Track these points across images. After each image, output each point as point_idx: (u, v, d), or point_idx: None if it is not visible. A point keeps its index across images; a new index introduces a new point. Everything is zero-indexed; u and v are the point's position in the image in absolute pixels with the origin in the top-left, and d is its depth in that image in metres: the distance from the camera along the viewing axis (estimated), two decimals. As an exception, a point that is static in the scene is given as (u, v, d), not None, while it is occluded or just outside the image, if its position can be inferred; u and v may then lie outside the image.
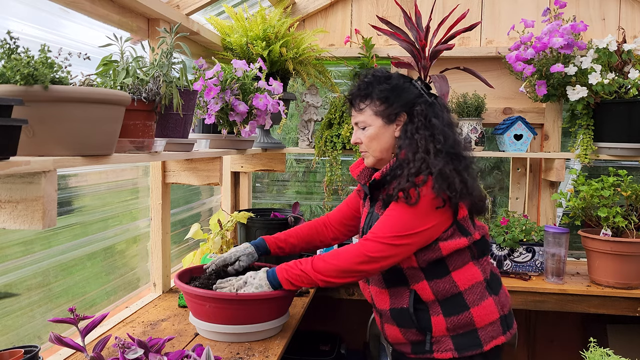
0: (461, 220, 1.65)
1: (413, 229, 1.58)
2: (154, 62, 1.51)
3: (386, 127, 1.69)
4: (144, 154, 1.43)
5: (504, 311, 1.70)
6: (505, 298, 1.74)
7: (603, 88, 2.46)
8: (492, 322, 1.65)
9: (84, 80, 1.27)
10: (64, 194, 1.77)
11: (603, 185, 2.43)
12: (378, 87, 1.68)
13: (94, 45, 1.58)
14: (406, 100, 1.68)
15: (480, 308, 1.64)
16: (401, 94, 1.68)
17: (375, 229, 1.61)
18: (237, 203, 3.18)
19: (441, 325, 1.63)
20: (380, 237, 1.58)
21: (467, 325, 1.63)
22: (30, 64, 1.04)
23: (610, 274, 2.42)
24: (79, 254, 1.85)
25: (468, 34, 2.94)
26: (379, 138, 1.69)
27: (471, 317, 1.62)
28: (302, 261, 1.68)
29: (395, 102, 1.67)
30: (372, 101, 1.69)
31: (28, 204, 1.06)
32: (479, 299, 1.64)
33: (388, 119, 1.68)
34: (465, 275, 1.64)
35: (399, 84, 1.70)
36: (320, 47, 2.83)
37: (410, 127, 1.65)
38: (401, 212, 1.59)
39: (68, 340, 1.38)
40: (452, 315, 1.63)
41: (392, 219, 1.59)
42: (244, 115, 2.01)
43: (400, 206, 1.59)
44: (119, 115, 1.23)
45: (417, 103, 1.67)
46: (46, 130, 1.08)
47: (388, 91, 1.68)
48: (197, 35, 2.30)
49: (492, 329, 1.65)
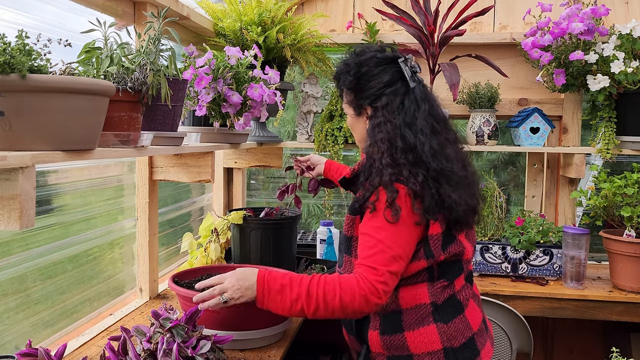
0: (432, 237, 1.53)
1: (401, 244, 1.48)
2: (140, 49, 1.51)
3: (357, 119, 1.68)
4: (130, 148, 1.43)
5: (453, 344, 1.55)
6: (457, 331, 1.57)
7: (626, 77, 2.45)
8: (430, 352, 1.54)
9: (64, 69, 1.26)
10: (43, 192, 1.77)
11: (626, 182, 2.43)
12: (348, 74, 1.65)
13: (76, 31, 1.58)
14: (372, 90, 1.61)
15: (416, 333, 1.55)
16: (368, 82, 1.62)
17: (372, 260, 1.46)
18: (230, 202, 3.18)
19: (376, 342, 1.59)
20: (381, 270, 1.45)
21: (402, 349, 1.56)
22: (7, 51, 1.04)
23: (634, 279, 2.42)
24: (59, 257, 1.86)
25: (480, 18, 2.94)
26: (354, 129, 1.72)
27: (404, 341, 1.55)
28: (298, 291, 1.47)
29: (361, 92, 1.64)
30: (345, 89, 1.69)
31: (4, 202, 1.06)
32: (417, 323, 1.55)
33: (356, 111, 1.67)
34: (410, 294, 1.56)
35: (368, 70, 1.62)
36: (321, 32, 2.83)
37: (372, 122, 1.60)
38: (380, 228, 1.48)
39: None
40: (387, 334, 1.57)
41: (379, 242, 1.47)
42: (238, 106, 2.01)
43: (375, 221, 1.49)
44: (102, 107, 1.23)
45: (384, 94, 1.59)
46: (24, 123, 1.07)
47: (357, 78, 1.63)
48: (187, 20, 2.30)
49: (431, 359, 1.54)
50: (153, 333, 1.41)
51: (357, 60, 1.65)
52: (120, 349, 1.41)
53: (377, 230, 1.48)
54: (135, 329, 1.43)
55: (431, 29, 2.54)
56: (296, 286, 1.46)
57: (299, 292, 1.45)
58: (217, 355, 1.48)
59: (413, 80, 1.61)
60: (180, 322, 1.43)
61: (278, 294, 1.46)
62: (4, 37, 1.07)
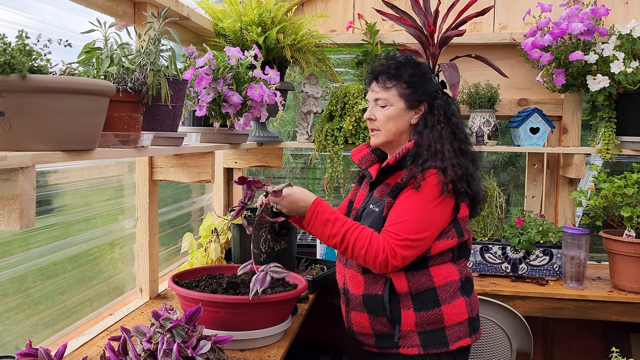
0: (460, 219, 1.81)
1: (430, 221, 1.73)
2: (140, 50, 1.51)
3: (406, 112, 1.84)
4: (130, 148, 1.43)
5: (473, 314, 1.85)
6: (475, 302, 1.89)
7: (626, 77, 2.45)
8: (460, 322, 1.80)
9: (64, 69, 1.26)
10: (43, 192, 1.77)
11: (626, 182, 2.43)
12: (409, 70, 1.83)
13: (76, 31, 1.58)
14: (430, 90, 1.85)
15: (451, 306, 1.79)
16: (427, 83, 1.86)
17: (397, 227, 1.72)
18: (230, 202, 3.18)
19: (410, 319, 1.77)
20: (402, 236, 1.70)
21: (436, 322, 1.77)
22: (7, 51, 1.04)
23: (634, 279, 2.42)
24: (60, 257, 1.86)
25: (480, 19, 2.94)
26: (397, 120, 1.84)
27: (441, 314, 1.77)
28: (343, 224, 1.74)
29: (421, 89, 1.84)
30: (400, 83, 1.83)
31: (4, 202, 1.06)
32: (450, 297, 1.79)
33: (410, 104, 1.84)
34: (442, 272, 1.79)
35: (427, 73, 1.88)
36: (321, 33, 2.83)
37: (431, 117, 1.82)
38: (417, 204, 1.73)
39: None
40: (423, 310, 1.77)
41: (410, 213, 1.72)
42: (238, 106, 2.01)
43: (415, 198, 1.73)
44: (102, 107, 1.23)
45: (438, 97, 1.85)
46: (24, 123, 1.07)
47: (418, 77, 1.84)
48: (187, 20, 2.30)
49: (460, 329, 1.80)
50: (153, 333, 1.41)
51: (417, 60, 1.90)
52: (120, 349, 1.41)
53: (411, 205, 1.73)
54: (135, 329, 1.43)
55: (431, 29, 2.54)
56: (338, 226, 1.72)
57: (337, 232, 1.72)
58: (217, 355, 1.48)
59: (443, 94, 1.90)
60: (181, 322, 1.43)
61: (321, 224, 1.74)
62: (4, 37, 1.07)
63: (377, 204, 1.84)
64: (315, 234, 1.77)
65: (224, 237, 2.44)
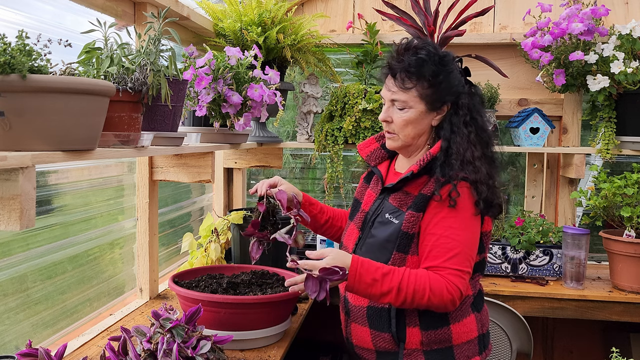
0: (484, 234, 1.66)
1: (474, 245, 1.59)
2: (140, 50, 1.51)
3: (427, 114, 1.63)
4: (130, 148, 1.43)
5: (483, 330, 1.71)
6: (485, 317, 1.75)
7: (626, 77, 2.45)
8: (469, 340, 1.65)
9: (64, 69, 1.26)
10: (43, 192, 1.77)
11: (626, 182, 2.43)
12: (432, 68, 1.60)
13: (76, 31, 1.58)
14: (454, 89, 1.63)
15: (461, 325, 1.64)
16: (451, 80, 1.63)
17: (454, 262, 1.53)
18: (230, 202, 3.18)
19: (416, 338, 1.62)
20: (464, 271, 1.54)
21: (444, 342, 1.62)
22: (7, 51, 1.04)
23: (634, 279, 2.42)
24: (60, 257, 1.86)
25: (480, 19, 2.94)
26: (417, 123, 1.64)
27: (450, 333, 1.62)
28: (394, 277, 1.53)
29: (445, 89, 1.62)
30: (421, 82, 1.60)
31: (4, 202, 1.06)
32: (461, 315, 1.64)
33: (432, 106, 1.63)
34: None
35: (452, 68, 1.64)
36: (321, 33, 2.83)
37: (456, 120, 1.62)
38: (461, 229, 1.55)
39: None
40: (430, 329, 1.62)
41: (460, 246, 1.54)
42: (238, 106, 2.01)
43: (456, 220, 1.56)
44: (102, 107, 1.23)
45: (463, 93, 1.64)
46: (24, 123, 1.07)
47: (442, 75, 1.61)
48: (187, 20, 2.30)
49: (469, 347, 1.65)
50: (153, 333, 1.41)
51: (441, 52, 1.65)
52: (120, 349, 1.41)
53: (455, 231, 1.55)
54: (135, 329, 1.43)
55: (431, 30, 2.54)
56: (388, 281, 1.50)
57: (391, 287, 1.50)
58: (217, 355, 1.48)
59: (466, 83, 1.68)
60: (181, 323, 1.43)
61: (368, 286, 1.50)
62: (4, 37, 1.07)
63: (394, 214, 1.65)
64: (364, 294, 1.54)
65: (224, 237, 2.44)
